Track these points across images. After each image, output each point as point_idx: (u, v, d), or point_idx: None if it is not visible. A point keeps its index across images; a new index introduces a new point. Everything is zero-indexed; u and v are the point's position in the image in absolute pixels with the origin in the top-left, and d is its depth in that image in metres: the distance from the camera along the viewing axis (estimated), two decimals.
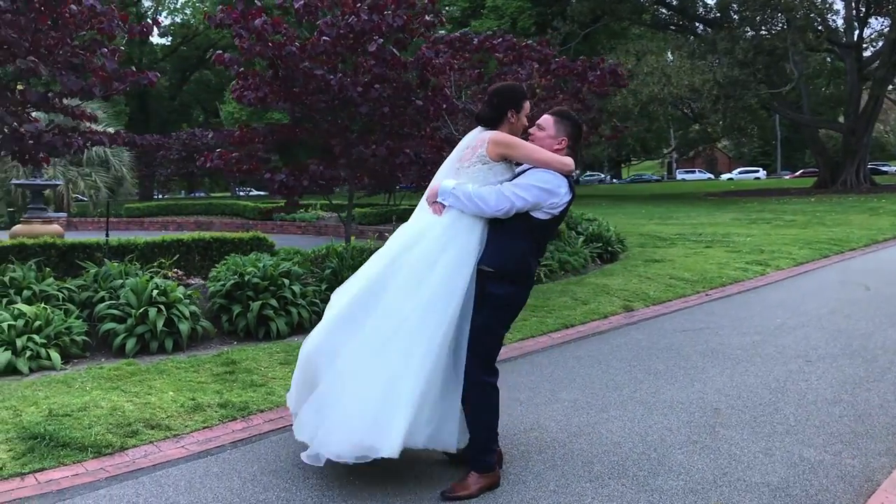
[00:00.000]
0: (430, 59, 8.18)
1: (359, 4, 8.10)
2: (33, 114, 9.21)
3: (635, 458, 4.16)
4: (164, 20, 58.47)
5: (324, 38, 8.02)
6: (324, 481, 3.87)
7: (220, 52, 8.39)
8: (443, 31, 11.40)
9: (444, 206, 3.83)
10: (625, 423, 4.74)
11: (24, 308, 5.91)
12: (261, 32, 7.85)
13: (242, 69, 8.46)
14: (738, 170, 75.57)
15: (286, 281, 7.02)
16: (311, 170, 8.34)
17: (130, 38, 7.72)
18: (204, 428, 4.71)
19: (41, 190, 19.88)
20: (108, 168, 32.67)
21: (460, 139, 4.16)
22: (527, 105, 3.91)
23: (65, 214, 30.48)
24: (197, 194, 63.86)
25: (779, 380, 5.69)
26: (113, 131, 10.22)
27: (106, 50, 7.09)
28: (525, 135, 3.96)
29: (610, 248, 12.99)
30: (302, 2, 8.36)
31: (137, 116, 54.89)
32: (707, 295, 9.69)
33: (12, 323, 5.75)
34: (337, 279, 7.55)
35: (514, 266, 3.79)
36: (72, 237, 10.15)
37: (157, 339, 6.22)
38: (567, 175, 3.80)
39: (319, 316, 5.37)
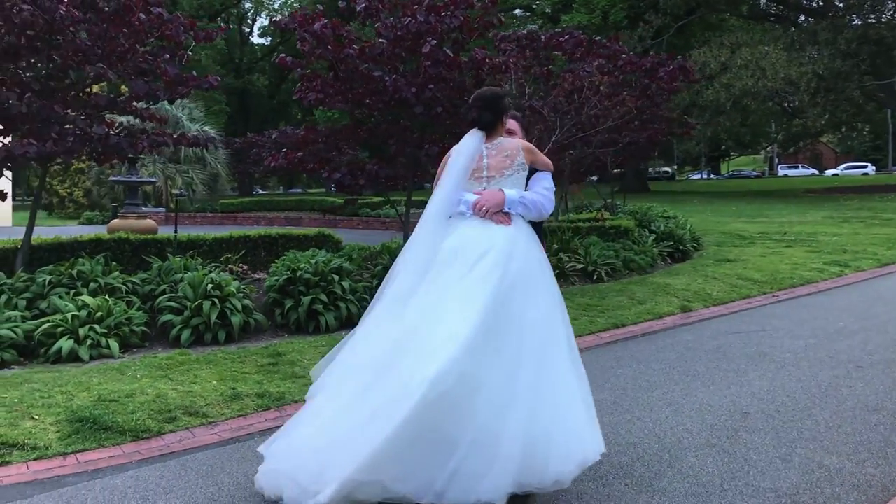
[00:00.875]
0: (483, 58, 8.26)
1: (416, 6, 8.25)
2: (119, 117, 9.80)
3: (646, 460, 4.15)
4: (264, 20, 60.35)
5: (380, 39, 8.22)
6: None
7: (283, 55, 8.71)
8: (527, 28, 11.38)
9: (508, 216, 3.79)
10: (646, 425, 4.72)
11: (88, 300, 6.33)
12: (320, 36, 8.11)
13: (308, 71, 8.74)
14: (845, 165, 72.18)
15: (336, 277, 7.26)
16: (368, 169, 8.57)
17: (197, 42, 8.12)
18: (239, 416, 4.96)
19: (137, 186, 20.94)
20: (205, 165, 34.09)
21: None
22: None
23: (163, 209, 31.99)
24: (294, 190, 65.82)
25: (821, 385, 5.54)
26: (200, 131, 10.73)
27: (168, 56, 7.49)
28: None
29: (682, 247, 12.78)
30: (363, 4, 8.58)
31: (238, 115, 56.75)
32: (773, 297, 9.43)
33: (76, 313, 6.18)
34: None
35: None
36: (166, 231, 10.74)
37: (210, 330, 6.56)
38: None
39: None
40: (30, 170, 40.82)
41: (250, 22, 63.07)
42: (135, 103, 7.60)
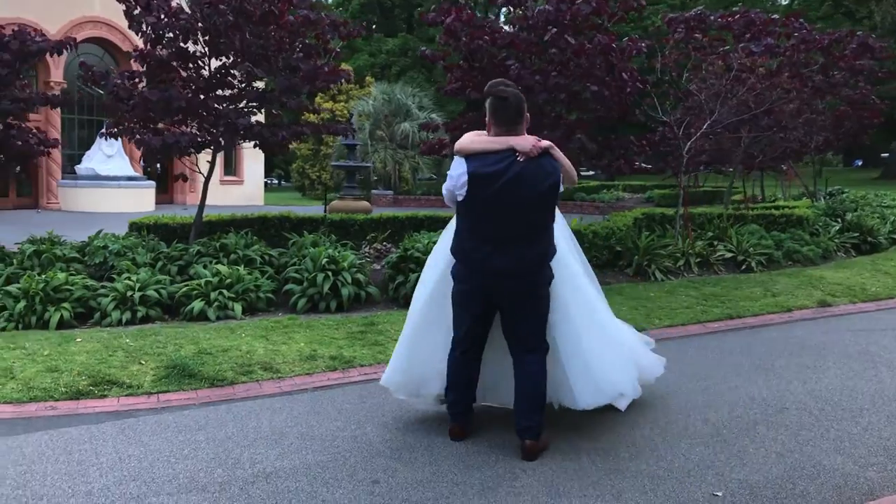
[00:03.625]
0: (609, 44, 8.23)
1: None
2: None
3: (635, 444, 4.20)
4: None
5: (507, 29, 8.51)
6: (371, 426, 4.52)
7: (424, 48, 9.27)
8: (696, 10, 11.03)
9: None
10: (669, 412, 4.72)
11: (221, 268, 7.33)
12: (451, 29, 8.55)
13: (444, 63, 9.23)
14: None
15: None
16: None
17: (342, 40, 8.90)
18: (306, 374, 5.59)
19: (354, 171, 22.76)
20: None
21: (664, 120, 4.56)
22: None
23: (391, 192, 34.19)
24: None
25: None
26: (428, 119, 11.60)
27: (301, 54, 8.31)
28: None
29: (871, 239, 11.73)
30: None
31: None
32: None
33: (210, 279, 7.19)
34: None
35: (453, 247, 4.16)
36: (381, 212, 11.77)
37: (324, 300, 7.30)
38: (468, 155, 3.92)
39: None
40: (285, 156, 45.07)
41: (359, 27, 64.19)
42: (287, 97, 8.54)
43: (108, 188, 26.77)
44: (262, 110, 9.22)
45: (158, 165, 30.80)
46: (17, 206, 27.27)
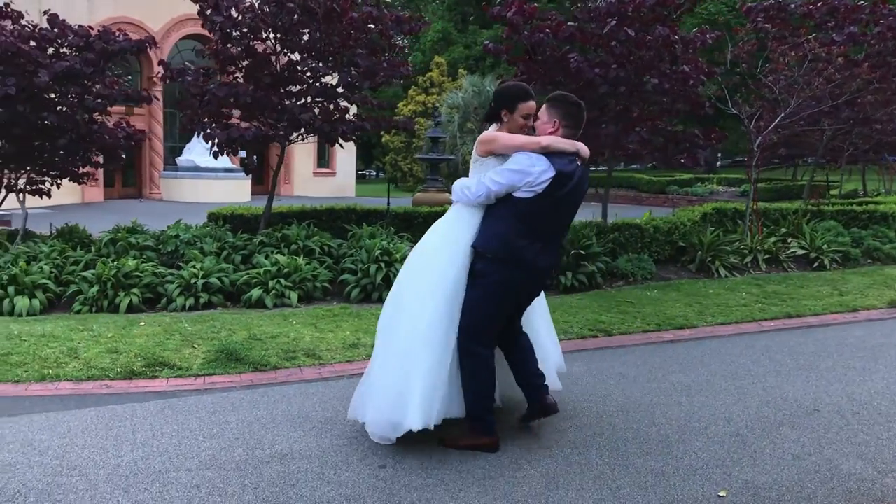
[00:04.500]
0: (671, 35, 8.08)
1: None
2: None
3: (649, 439, 4.20)
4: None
5: (568, 23, 8.47)
6: None
7: (487, 42, 9.32)
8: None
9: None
10: (693, 410, 4.68)
11: (280, 258, 7.62)
12: (513, 23, 8.58)
13: (506, 57, 9.25)
14: None
15: None
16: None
17: (404, 35, 9.04)
18: (346, 361, 5.79)
19: (436, 163, 22.98)
20: None
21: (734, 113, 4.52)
22: (524, 105, 4.05)
23: None
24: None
25: None
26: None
27: (361, 50, 8.50)
28: (533, 130, 4.20)
29: None
30: None
31: None
32: None
33: (269, 268, 7.49)
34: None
35: (498, 246, 3.98)
36: None
37: (376, 290, 7.49)
38: (551, 153, 3.92)
39: None
40: (374, 150, 45.82)
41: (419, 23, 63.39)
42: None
43: (207, 179, 27.91)
44: (353, 105, 9.39)
45: (255, 157, 32.08)
46: (122, 196, 28.81)
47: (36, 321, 6.74)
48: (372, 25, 8.66)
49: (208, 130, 8.32)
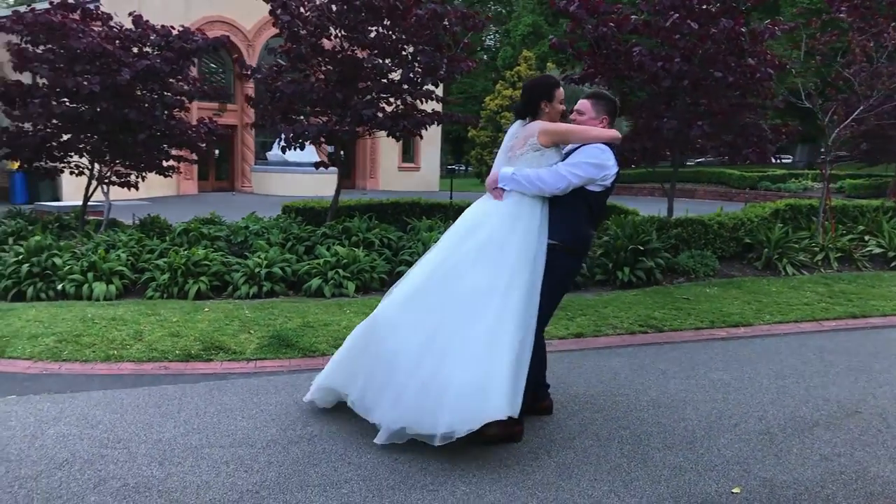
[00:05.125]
0: (735, 28, 7.89)
1: None
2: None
3: (675, 434, 4.19)
4: None
5: (633, 17, 8.39)
6: None
7: (552, 37, 9.31)
8: None
9: (503, 192, 4.15)
10: (726, 407, 4.63)
11: (340, 249, 7.85)
12: (576, 16, 8.55)
13: (570, 52, 9.23)
14: None
15: None
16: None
17: (468, 30, 9.13)
18: None
19: None
20: None
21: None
22: (559, 93, 4.16)
23: None
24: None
25: None
26: None
27: (425, 46, 8.63)
28: (566, 120, 4.26)
29: None
30: None
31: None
32: None
33: (328, 259, 7.73)
34: (608, 249, 8.06)
35: (574, 237, 4.14)
36: None
37: None
38: (614, 147, 4.10)
39: None
40: (464, 145, 46.02)
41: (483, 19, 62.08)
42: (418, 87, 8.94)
43: (295, 174, 28.65)
44: (426, 100, 9.54)
45: (342, 153, 32.77)
46: (215, 189, 29.91)
47: (110, 305, 7.17)
48: (444, 22, 8.78)
49: (279, 127, 8.63)
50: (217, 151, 29.31)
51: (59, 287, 7.55)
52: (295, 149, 8.73)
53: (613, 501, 3.42)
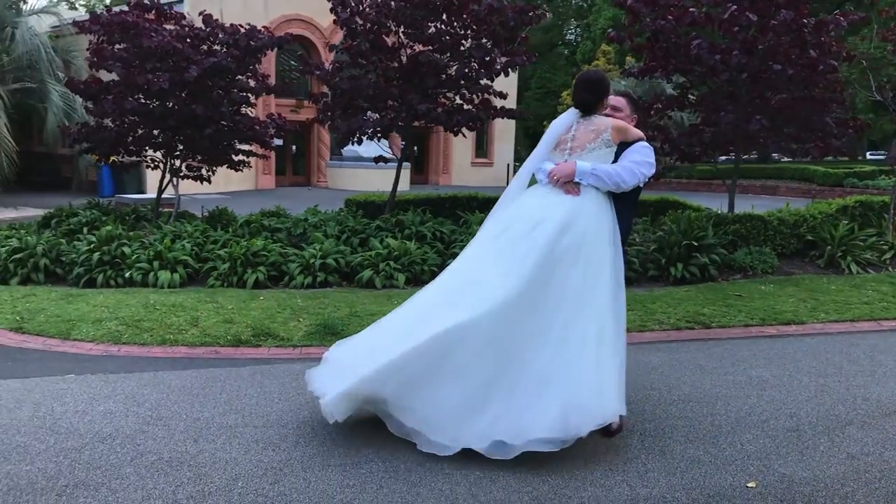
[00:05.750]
0: (797, 19, 7.68)
1: None
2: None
3: (700, 428, 4.18)
4: None
5: (691, 9, 8.27)
6: None
7: (610, 30, 9.26)
8: None
9: (578, 186, 4.10)
10: (759, 404, 4.58)
11: (391, 241, 8.01)
12: (633, 9, 8.49)
13: (636, 43, 9.16)
14: None
15: None
16: (671, 137, 8.68)
17: (526, 25, 9.15)
18: None
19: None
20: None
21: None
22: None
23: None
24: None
25: None
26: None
27: (485, 41, 8.70)
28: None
29: None
30: None
31: None
32: None
33: (380, 251, 7.90)
34: (662, 244, 8.00)
35: (626, 232, 4.30)
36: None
37: None
38: None
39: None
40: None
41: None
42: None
43: (367, 169, 29.07)
44: (486, 94, 9.64)
45: (415, 148, 33.09)
46: (292, 184, 30.63)
47: (172, 293, 7.51)
48: (510, 17, 8.85)
49: (337, 122, 8.86)
50: (294, 147, 30.06)
51: (127, 275, 7.93)
52: (354, 144, 8.92)
53: (624, 490, 3.45)
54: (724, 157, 37.29)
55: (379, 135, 9.18)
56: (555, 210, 4.07)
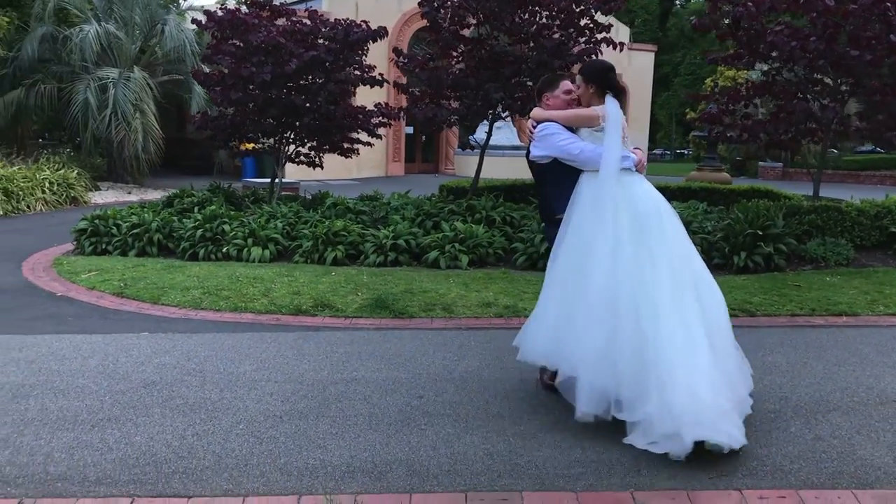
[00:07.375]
0: (876, 1, 7.40)
1: None
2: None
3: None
4: None
5: None
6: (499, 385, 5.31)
7: (692, 18, 9.23)
8: None
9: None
10: (792, 397, 4.53)
11: (459, 225, 8.43)
12: None
13: (720, 32, 9.09)
14: None
15: None
16: (750, 126, 8.56)
17: (607, 13, 9.27)
18: (473, 317, 6.46)
19: (714, 142, 22.15)
20: None
21: None
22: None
23: (781, 164, 32.40)
24: None
25: None
26: None
27: (553, 33, 8.91)
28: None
29: None
30: None
31: None
32: None
33: (447, 234, 8.34)
34: (728, 233, 7.98)
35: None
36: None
37: (542, 258, 7.99)
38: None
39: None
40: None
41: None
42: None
43: (494, 157, 29.40)
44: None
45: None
46: (421, 171, 31.57)
47: (259, 267, 8.28)
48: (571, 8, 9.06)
49: (414, 111, 9.37)
50: (423, 136, 30.91)
51: (224, 250, 8.78)
52: (434, 132, 9.40)
53: (577, 452, 3.73)
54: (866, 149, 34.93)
55: (456, 123, 9.59)
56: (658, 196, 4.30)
